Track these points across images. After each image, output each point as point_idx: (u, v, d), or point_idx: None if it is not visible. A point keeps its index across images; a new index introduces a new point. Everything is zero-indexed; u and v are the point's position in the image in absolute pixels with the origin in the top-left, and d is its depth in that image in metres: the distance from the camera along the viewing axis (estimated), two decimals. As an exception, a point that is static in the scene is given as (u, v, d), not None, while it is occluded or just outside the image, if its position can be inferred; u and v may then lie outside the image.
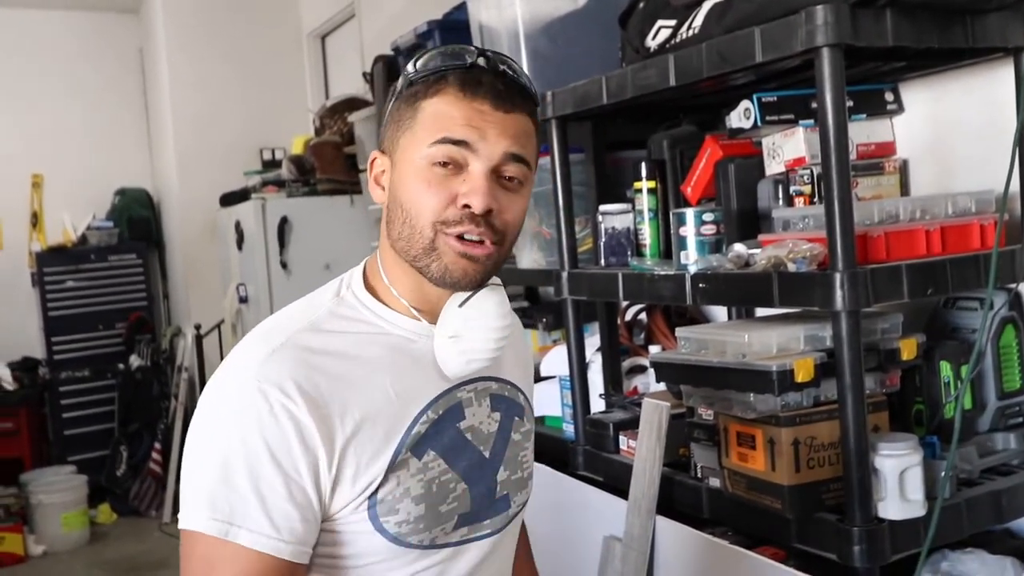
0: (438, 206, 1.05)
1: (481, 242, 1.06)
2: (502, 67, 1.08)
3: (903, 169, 1.85)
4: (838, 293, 1.41)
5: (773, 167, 1.79)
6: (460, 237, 1.05)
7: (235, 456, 0.99)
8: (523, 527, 1.37)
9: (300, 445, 1.00)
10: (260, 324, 1.12)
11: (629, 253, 1.98)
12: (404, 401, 1.08)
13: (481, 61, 1.07)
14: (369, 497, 1.04)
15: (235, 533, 0.98)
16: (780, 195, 1.76)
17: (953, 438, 1.49)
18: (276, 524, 0.99)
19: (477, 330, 1.09)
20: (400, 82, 1.11)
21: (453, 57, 1.07)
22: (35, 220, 5.82)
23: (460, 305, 1.09)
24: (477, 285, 1.09)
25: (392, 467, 1.05)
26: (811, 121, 1.70)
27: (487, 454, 1.15)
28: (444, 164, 1.05)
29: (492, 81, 1.06)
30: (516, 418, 1.21)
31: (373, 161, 1.14)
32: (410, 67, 1.09)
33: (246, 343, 1.08)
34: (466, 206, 1.04)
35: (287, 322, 1.09)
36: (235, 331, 4.75)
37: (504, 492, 1.17)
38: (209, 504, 0.99)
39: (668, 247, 1.88)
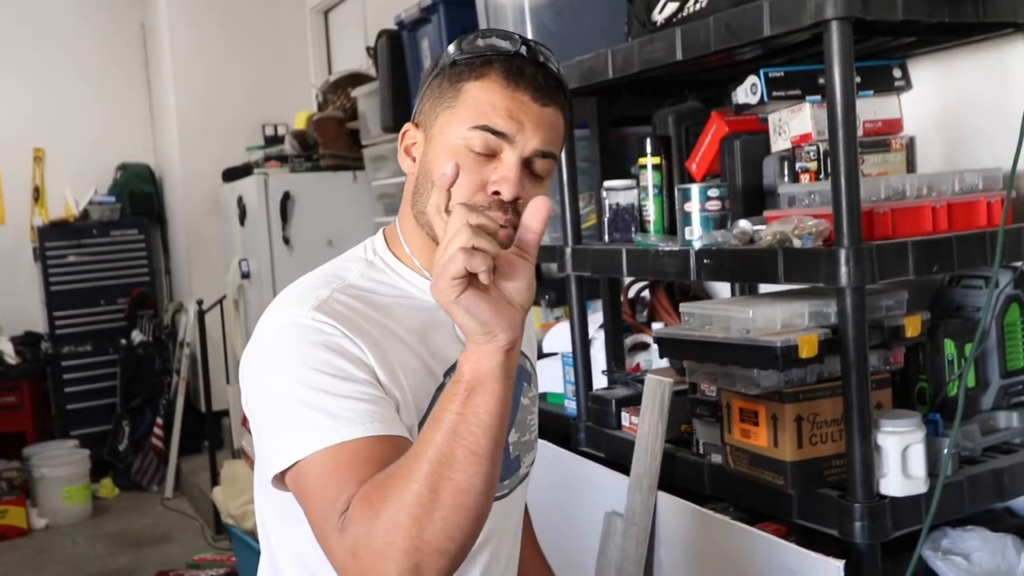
0: (468, 191, 1.08)
1: (504, 227, 1.08)
2: (542, 59, 1.12)
3: (910, 146, 1.84)
4: (843, 269, 1.40)
5: (779, 143, 1.78)
6: None
7: (308, 377, 1.01)
8: (527, 512, 1.40)
9: (358, 361, 1.04)
10: (286, 291, 1.14)
11: (633, 229, 1.98)
12: (434, 360, 1.13)
13: (524, 50, 1.11)
14: None
15: (339, 434, 0.98)
16: (786, 171, 1.75)
17: (956, 416, 1.49)
18: (374, 414, 1.01)
19: None
20: (443, 58, 1.14)
21: (499, 42, 1.11)
22: (37, 194, 5.81)
23: None
24: None
25: (423, 423, 1.08)
26: (818, 97, 1.69)
27: None
28: (479, 152, 1.08)
29: (534, 73, 1.10)
30: (524, 383, 1.25)
31: (405, 132, 1.18)
32: (453, 48, 1.13)
33: (281, 305, 1.10)
34: (495, 192, 1.08)
35: (322, 281, 1.12)
36: (237, 307, 4.75)
37: (516, 453, 1.23)
38: (308, 427, 1.00)
39: (672, 223, 1.87)
